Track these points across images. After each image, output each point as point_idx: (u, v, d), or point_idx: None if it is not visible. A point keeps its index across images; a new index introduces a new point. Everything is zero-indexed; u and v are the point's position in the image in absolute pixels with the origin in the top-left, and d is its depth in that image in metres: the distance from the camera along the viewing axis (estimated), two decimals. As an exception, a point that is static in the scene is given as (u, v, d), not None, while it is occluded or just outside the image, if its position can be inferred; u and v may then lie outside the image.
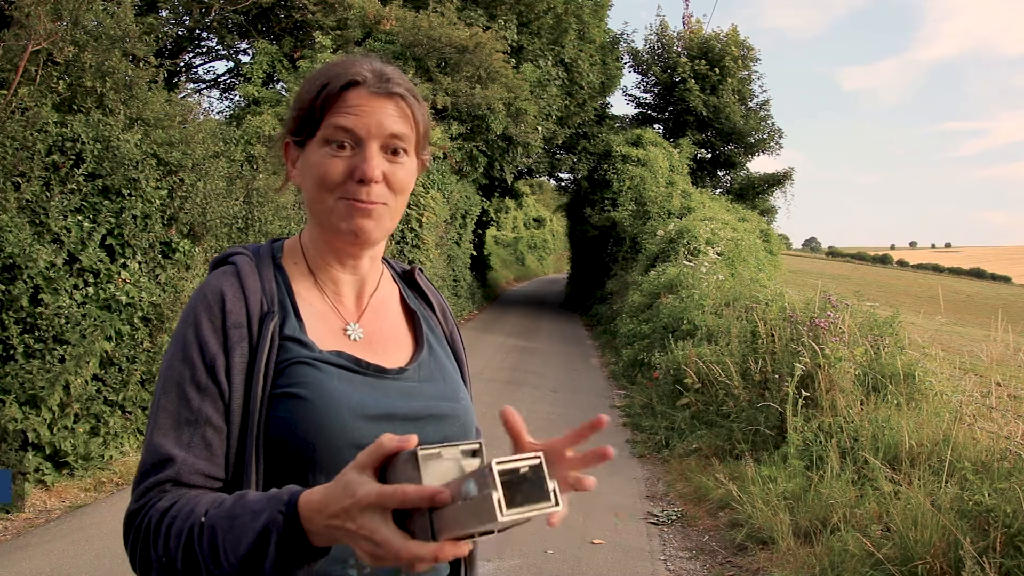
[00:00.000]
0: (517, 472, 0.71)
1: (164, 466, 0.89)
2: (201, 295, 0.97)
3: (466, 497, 0.69)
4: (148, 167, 5.39)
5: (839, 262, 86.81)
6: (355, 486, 0.75)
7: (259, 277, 1.00)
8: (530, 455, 0.72)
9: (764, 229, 20.19)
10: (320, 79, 1.01)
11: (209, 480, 0.91)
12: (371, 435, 0.90)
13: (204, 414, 0.91)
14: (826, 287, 7.09)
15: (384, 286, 1.12)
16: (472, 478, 0.70)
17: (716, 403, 6.31)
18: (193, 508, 0.84)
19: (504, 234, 35.70)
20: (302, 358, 0.95)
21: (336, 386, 0.95)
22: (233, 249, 1.05)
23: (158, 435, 0.91)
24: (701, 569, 3.98)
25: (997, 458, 3.81)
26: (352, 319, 1.05)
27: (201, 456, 0.90)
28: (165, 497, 0.87)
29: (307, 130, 1.00)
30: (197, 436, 0.90)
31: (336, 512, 0.75)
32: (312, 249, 1.06)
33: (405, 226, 11.20)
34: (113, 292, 5.05)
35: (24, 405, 4.42)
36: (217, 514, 0.82)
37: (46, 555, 3.64)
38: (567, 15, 16.71)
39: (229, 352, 0.93)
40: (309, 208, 1.03)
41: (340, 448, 0.92)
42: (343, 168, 0.97)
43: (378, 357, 1.03)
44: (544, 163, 20.33)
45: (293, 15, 12.94)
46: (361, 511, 0.73)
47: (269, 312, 0.97)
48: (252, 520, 0.79)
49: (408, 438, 0.76)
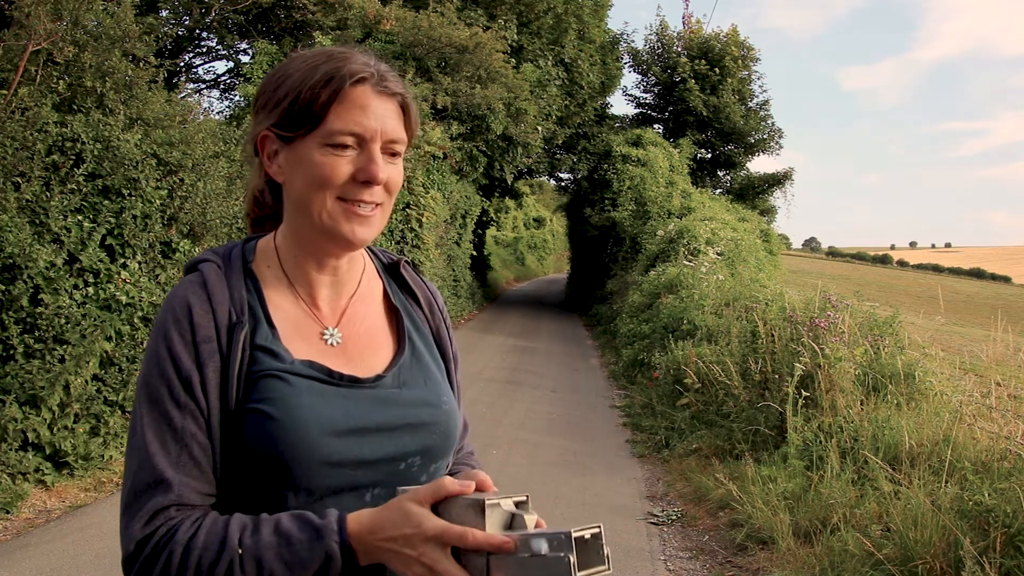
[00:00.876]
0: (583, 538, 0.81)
1: (162, 487, 0.88)
2: (169, 307, 0.94)
3: (536, 553, 0.79)
4: (148, 167, 5.39)
5: (839, 262, 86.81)
6: (419, 517, 0.83)
7: (227, 285, 0.96)
8: (593, 525, 0.83)
9: (764, 229, 20.19)
10: (320, 70, 0.94)
11: (206, 497, 0.91)
12: (341, 451, 0.93)
13: (188, 431, 0.90)
14: (826, 287, 7.08)
15: (365, 284, 1.08)
16: (544, 537, 0.80)
17: (716, 403, 6.31)
18: (223, 539, 0.85)
19: (504, 234, 35.69)
20: (272, 370, 0.93)
21: (305, 402, 0.93)
22: (202, 255, 1.01)
23: (146, 455, 0.89)
24: (701, 569, 3.98)
25: (997, 458, 3.81)
26: (330, 323, 1.02)
27: (192, 475, 0.89)
28: (181, 526, 0.86)
29: (302, 125, 0.94)
30: (185, 455, 0.89)
31: (394, 537, 0.83)
32: (288, 251, 1.01)
33: (405, 226, 11.20)
34: (113, 292, 5.05)
35: (24, 405, 4.42)
36: (256, 545, 0.84)
37: (46, 555, 3.64)
38: (567, 15, 16.71)
39: (202, 367, 0.91)
40: (294, 207, 0.98)
41: (311, 465, 0.91)
42: (347, 169, 0.94)
43: (354, 364, 1.00)
44: (544, 163, 20.33)
45: (293, 15, 12.95)
46: (424, 541, 0.82)
47: (238, 322, 0.94)
48: (307, 551, 0.84)
49: (467, 485, 0.85)
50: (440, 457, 1.03)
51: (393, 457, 0.97)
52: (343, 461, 0.93)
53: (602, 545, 0.82)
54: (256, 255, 1.02)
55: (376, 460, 0.95)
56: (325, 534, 0.84)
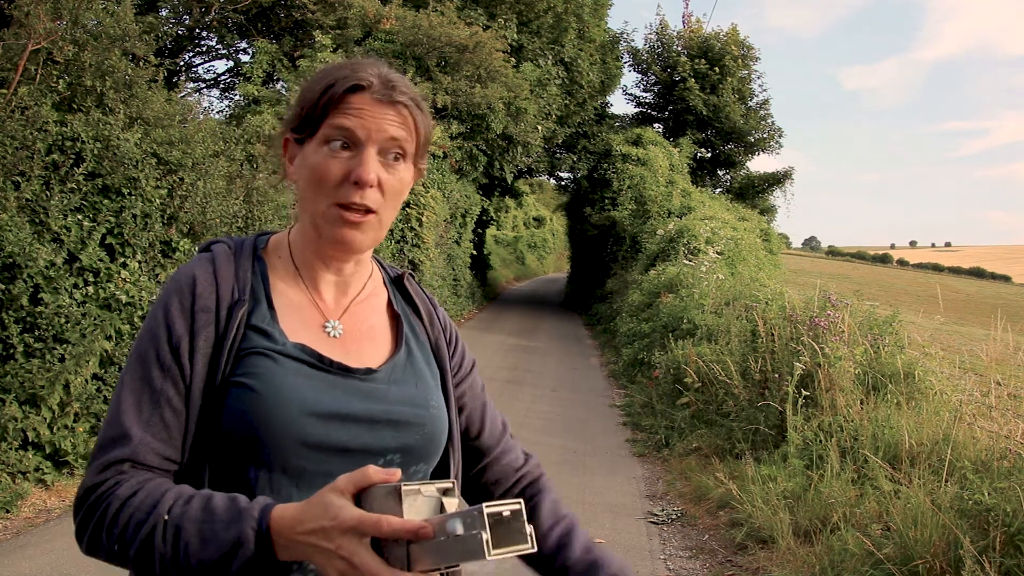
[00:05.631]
0: (500, 515, 0.77)
1: (122, 442, 0.90)
2: (175, 279, 0.98)
3: (451, 534, 0.75)
4: (148, 166, 5.39)
5: (839, 261, 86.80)
6: (336, 508, 0.78)
7: (235, 266, 1.00)
8: (512, 501, 0.79)
9: (764, 228, 20.18)
10: (326, 79, 1.00)
11: (165, 462, 0.92)
12: (319, 433, 0.93)
13: (165, 394, 0.92)
14: (826, 286, 7.08)
15: (370, 288, 1.11)
16: (459, 517, 0.76)
17: (716, 402, 6.31)
18: (156, 502, 0.85)
19: (504, 233, 35.68)
20: (261, 349, 0.95)
21: (289, 380, 0.94)
22: (216, 239, 1.06)
23: (119, 411, 0.92)
24: (701, 568, 3.98)
25: (997, 457, 3.81)
26: (333, 316, 1.05)
27: (159, 437, 0.91)
28: (125, 482, 0.88)
29: (308, 128, 1.00)
30: (156, 416, 0.91)
31: (312, 530, 0.79)
32: (299, 246, 1.06)
33: (405, 225, 11.20)
34: (113, 291, 5.05)
35: (24, 404, 4.42)
36: (182, 514, 0.84)
37: (46, 555, 3.64)
38: (567, 14, 16.71)
39: (194, 335, 0.94)
40: (301, 206, 1.03)
41: (286, 444, 0.92)
42: (340, 169, 0.97)
43: (351, 356, 1.02)
44: (544, 162, 20.33)
45: (293, 14, 12.93)
46: (341, 533, 0.77)
47: (239, 300, 0.97)
48: (223, 530, 0.82)
49: (393, 472, 0.80)
50: (422, 459, 1.03)
51: (370, 450, 0.97)
52: (319, 444, 0.93)
53: (524, 523, 0.79)
54: (268, 246, 1.07)
55: (353, 449, 0.96)
56: (243, 518, 0.82)
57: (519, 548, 0.78)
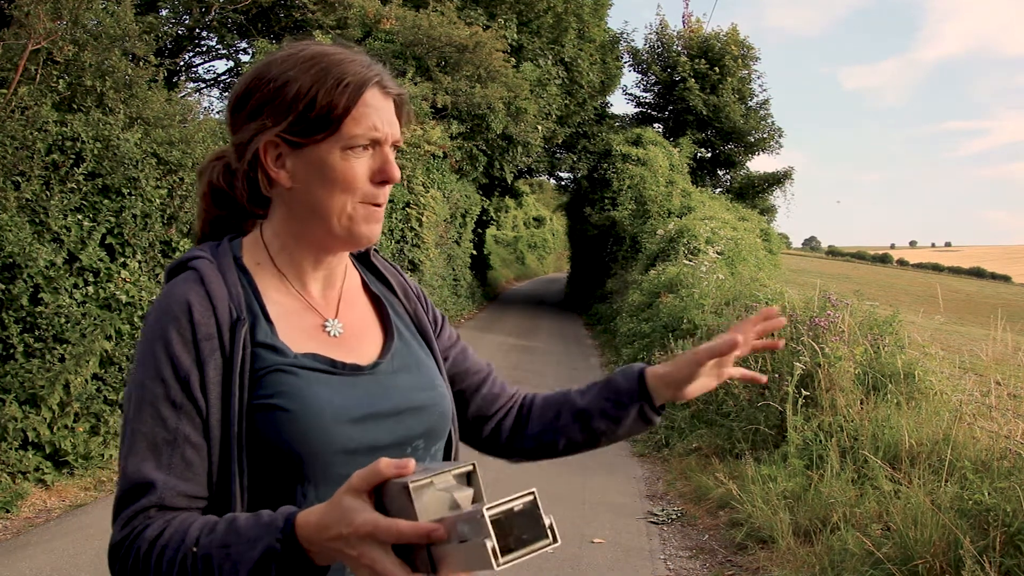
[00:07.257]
0: (512, 511, 0.69)
1: (145, 491, 0.86)
2: (165, 307, 0.91)
3: (462, 539, 0.68)
4: (148, 166, 5.39)
5: (839, 261, 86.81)
6: (352, 514, 0.74)
7: (224, 282, 0.95)
8: (523, 492, 0.70)
9: (764, 228, 20.19)
10: (331, 75, 0.94)
11: (193, 501, 0.88)
12: (357, 438, 0.92)
13: (182, 433, 0.88)
14: (826, 286, 7.08)
15: (349, 276, 1.09)
16: (466, 520, 0.68)
17: (716, 402, 6.31)
18: (184, 536, 0.82)
19: (504, 233, 35.68)
20: (278, 365, 0.92)
21: (316, 391, 0.92)
22: (191, 252, 0.99)
23: (135, 460, 0.87)
24: (701, 568, 3.98)
25: (997, 457, 3.81)
26: (329, 314, 1.02)
27: (182, 477, 0.87)
28: (152, 524, 0.85)
29: (319, 131, 0.94)
30: (176, 456, 0.87)
31: (335, 536, 0.75)
32: (281, 247, 1.00)
33: (405, 225, 11.19)
34: (113, 291, 5.05)
35: (24, 404, 4.42)
36: (209, 542, 0.81)
37: (46, 554, 3.64)
38: (567, 14, 16.72)
39: (203, 365, 0.89)
40: (306, 210, 0.97)
41: (328, 455, 0.90)
42: (364, 170, 0.96)
43: (353, 352, 1.00)
44: (544, 162, 20.33)
45: (293, 14, 12.95)
46: (360, 540, 0.74)
47: (240, 319, 0.92)
48: (248, 549, 0.79)
49: (406, 464, 0.74)
50: (439, 438, 1.04)
51: (402, 441, 0.97)
52: (359, 448, 0.92)
53: (540, 515, 0.69)
54: (244, 251, 1.01)
55: (387, 445, 0.95)
56: (268, 532, 0.79)
57: (537, 547, 0.70)
